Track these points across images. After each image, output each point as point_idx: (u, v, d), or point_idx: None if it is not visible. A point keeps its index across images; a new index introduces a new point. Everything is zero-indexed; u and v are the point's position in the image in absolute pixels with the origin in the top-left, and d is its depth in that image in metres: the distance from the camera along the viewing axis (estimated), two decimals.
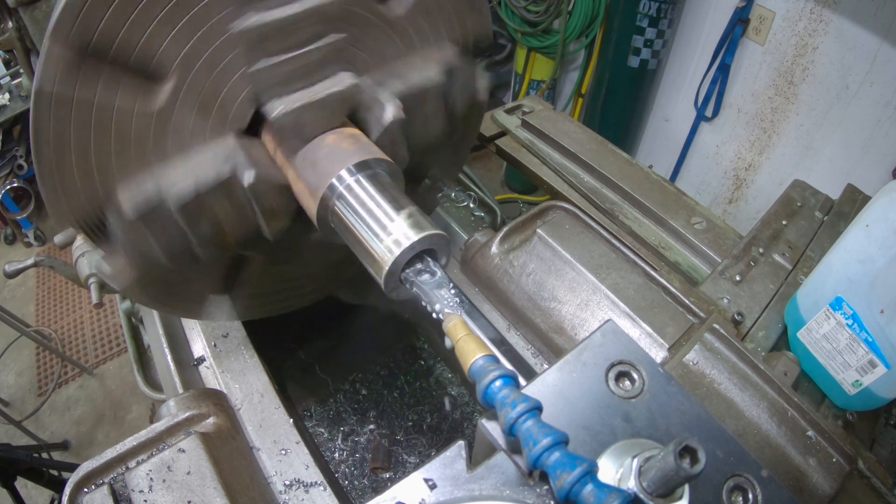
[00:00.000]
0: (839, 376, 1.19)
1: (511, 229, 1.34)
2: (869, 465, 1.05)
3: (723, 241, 1.45)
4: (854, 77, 2.70)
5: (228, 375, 1.21)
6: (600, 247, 1.32)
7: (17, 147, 4.22)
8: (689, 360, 1.11)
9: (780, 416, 1.05)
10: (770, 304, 1.32)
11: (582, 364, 0.72)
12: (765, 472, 0.66)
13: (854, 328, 1.12)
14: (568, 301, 1.23)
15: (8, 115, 3.93)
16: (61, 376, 3.65)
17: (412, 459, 1.93)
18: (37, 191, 4.18)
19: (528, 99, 1.90)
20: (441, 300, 0.78)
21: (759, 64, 3.06)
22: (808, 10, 2.75)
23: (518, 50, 4.05)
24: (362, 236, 0.85)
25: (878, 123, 2.69)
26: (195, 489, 0.88)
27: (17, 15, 1.27)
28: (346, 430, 2.00)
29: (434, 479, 0.64)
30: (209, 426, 1.00)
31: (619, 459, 0.63)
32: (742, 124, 3.29)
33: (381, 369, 2.16)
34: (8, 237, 4.50)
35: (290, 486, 1.04)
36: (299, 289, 1.34)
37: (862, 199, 1.58)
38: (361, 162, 0.88)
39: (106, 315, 3.97)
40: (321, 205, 0.89)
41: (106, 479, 0.90)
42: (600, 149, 1.68)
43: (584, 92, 3.88)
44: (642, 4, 3.07)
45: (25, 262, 1.54)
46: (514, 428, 0.61)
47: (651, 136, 3.88)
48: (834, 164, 2.94)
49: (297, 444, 1.09)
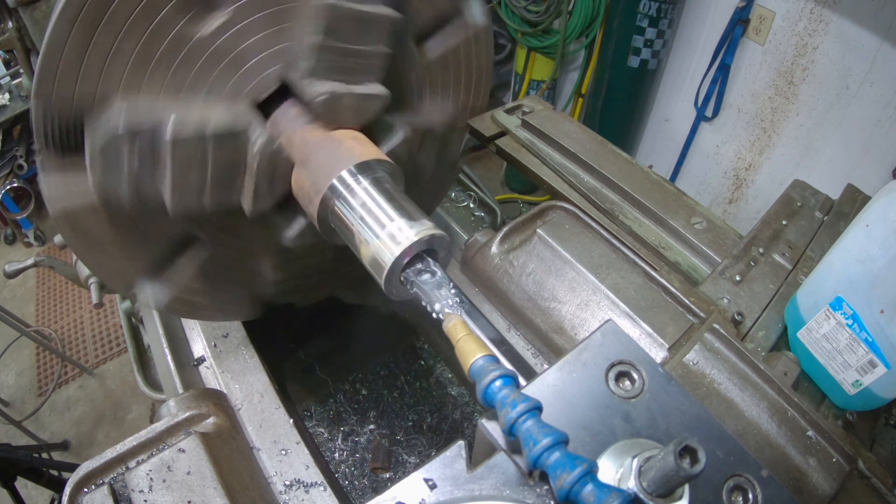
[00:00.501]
0: (839, 376, 1.19)
1: (511, 229, 1.34)
2: (869, 465, 1.05)
3: (723, 241, 1.45)
4: (854, 77, 2.70)
5: (228, 375, 1.22)
6: (600, 247, 1.32)
7: (17, 147, 4.22)
8: (689, 360, 1.11)
9: (780, 416, 1.05)
10: (770, 304, 1.32)
11: (582, 364, 0.72)
12: (765, 472, 0.66)
13: (854, 328, 1.12)
14: (568, 301, 1.23)
15: (8, 115, 3.93)
16: (61, 376, 3.65)
17: (412, 459, 1.93)
18: (37, 191, 4.18)
19: (528, 99, 1.90)
20: (441, 300, 0.78)
21: (760, 64, 3.06)
22: (809, 10, 2.75)
23: (518, 50, 4.05)
24: (363, 237, 0.85)
25: (878, 123, 2.69)
26: (195, 489, 0.88)
27: (17, 15, 1.27)
28: (347, 431, 2.00)
29: (434, 479, 0.64)
30: (209, 426, 1.00)
31: (619, 459, 0.63)
32: (742, 124, 3.29)
33: (381, 369, 2.16)
34: (8, 237, 4.50)
35: (290, 487, 1.04)
36: (227, 294, 1.23)
37: (862, 199, 1.57)
38: (363, 163, 0.88)
39: (106, 315, 3.97)
40: (322, 205, 0.89)
41: (106, 479, 0.90)
42: (600, 149, 1.67)
43: (585, 92, 3.88)
44: (642, 4, 3.07)
45: (25, 263, 1.54)
46: (514, 428, 0.61)
47: (651, 136, 3.88)
48: (834, 164, 2.94)
49: (297, 445, 1.10)
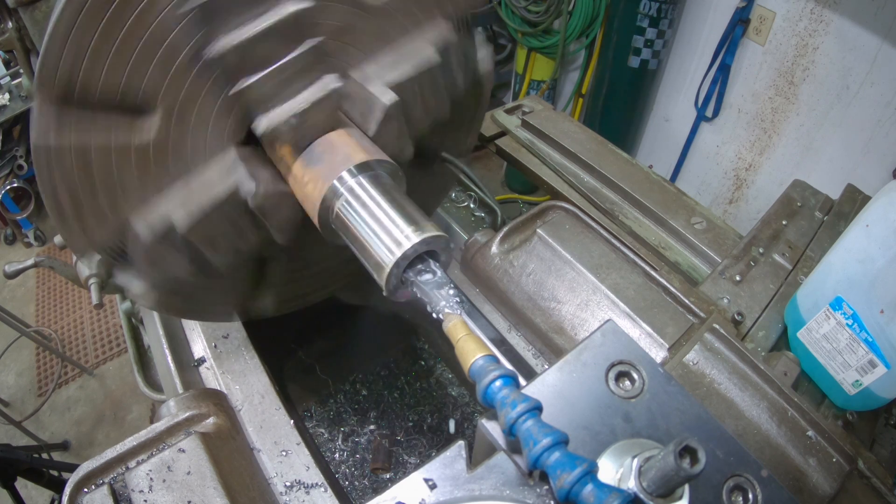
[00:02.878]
0: (839, 376, 1.19)
1: (511, 229, 1.34)
2: (869, 465, 1.05)
3: (723, 241, 1.45)
4: (855, 77, 2.70)
5: (229, 376, 1.21)
6: (600, 247, 1.32)
7: (17, 147, 4.22)
8: (689, 360, 1.11)
9: (780, 416, 1.05)
10: (770, 304, 1.32)
11: (582, 364, 0.72)
12: (765, 472, 0.66)
13: (854, 328, 1.12)
14: (568, 301, 1.23)
15: (8, 115, 3.93)
16: (61, 376, 3.65)
17: (413, 460, 1.93)
18: (37, 191, 4.17)
19: (528, 99, 1.90)
20: (441, 300, 0.78)
21: (760, 64, 3.06)
22: (809, 11, 2.75)
23: (518, 50, 4.05)
24: (363, 238, 0.85)
25: (878, 124, 2.69)
26: (195, 489, 0.88)
27: (17, 15, 1.27)
28: (347, 431, 2.00)
29: (434, 478, 0.64)
30: (209, 426, 1.00)
31: (619, 459, 0.63)
32: (742, 124, 3.29)
33: (381, 370, 2.16)
34: (8, 237, 4.50)
35: (290, 488, 1.04)
36: (325, 279, 1.36)
37: (862, 199, 1.58)
38: (363, 163, 0.88)
39: (106, 315, 3.97)
40: (322, 206, 0.89)
41: (106, 479, 0.90)
42: (600, 149, 1.68)
43: (585, 92, 3.88)
44: (643, 4, 3.07)
45: (25, 263, 1.54)
46: (514, 428, 0.61)
47: (651, 137, 3.88)
48: (834, 164, 2.94)
49: (297, 446, 1.09)
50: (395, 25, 0.99)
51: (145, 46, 0.80)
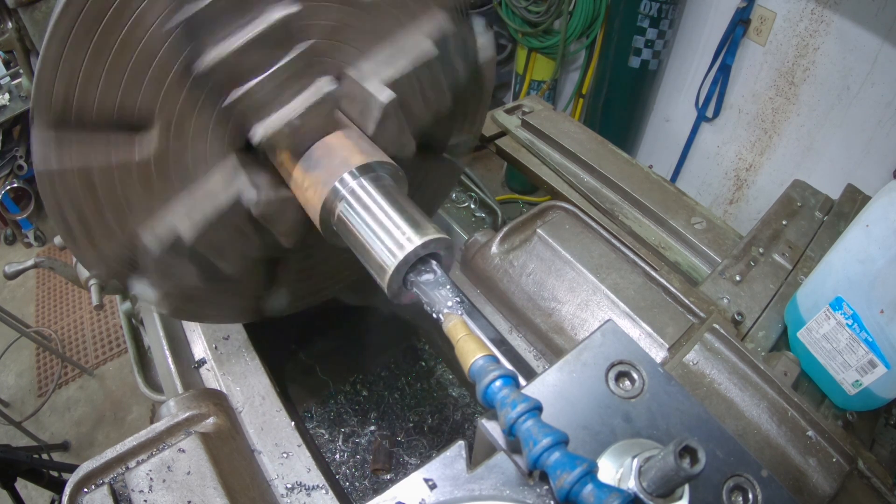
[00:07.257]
0: (839, 376, 1.19)
1: (511, 229, 1.34)
2: (869, 465, 1.05)
3: (723, 241, 1.45)
4: (855, 78, 2.70)
5: (229, 378, 1.21)
6: (600, 247, 1.32)
7: (17, 147, 4.22)
8: (689, 360, 1.11)
9: (780, 416, 1.04)
10: (770, 304, 1.32)
11: (582, 364, 0.72)
12: (765, 472, 0.66)
13: (854, 328, 1.12)
14: (568, 301, 1.23)
15: (8, 116, 3.93)
16: (61, 377, 3.65)
17: (413, 461, 1.93)
18: (37, 191, 4.17)
19: (528, 99, 1.90)
20: (441, 300, 0.78)
21: (760, 64, 3.06)
22: (810, 11, 2.75)
23: (518, 50, 4.05)
24: (365, 240, 0.84)
25: (879, 124, 2.69)
26: (195, 489, 0.88)
27: (16, 15, 1.27)
28: (347, 432, 2.00)
29: (434, 478, 0.64)
30: (209, 426, 1.00)
31: (619, 459, 0.63)
32: (743, 125, 3.29)
33: (381, 370, 2.16)
34: (8, 238, 4.50)
35: (291, 490, 1.04)
36: (337, 273, 1.37)
37: (862, 199, 1.58)
38: (364, 165, 0.88)
39: (106, 316, 3.97)
40: (324, 209, 0.88)
41: (106, 479, 0.90)
42: (600, 149, 1.68)
43: (585, 92, 3.88)
44: (643, 5, 3.07)
45: (25, 263, 1.54)
46: (514, 428, 0.61)
47: (652, 137, 3.88)
48: (835, 164, 2.94)
49: (298, 448, 1.09)
50: (390, 19, 0.97)
51: (136, 64, 0.80)
